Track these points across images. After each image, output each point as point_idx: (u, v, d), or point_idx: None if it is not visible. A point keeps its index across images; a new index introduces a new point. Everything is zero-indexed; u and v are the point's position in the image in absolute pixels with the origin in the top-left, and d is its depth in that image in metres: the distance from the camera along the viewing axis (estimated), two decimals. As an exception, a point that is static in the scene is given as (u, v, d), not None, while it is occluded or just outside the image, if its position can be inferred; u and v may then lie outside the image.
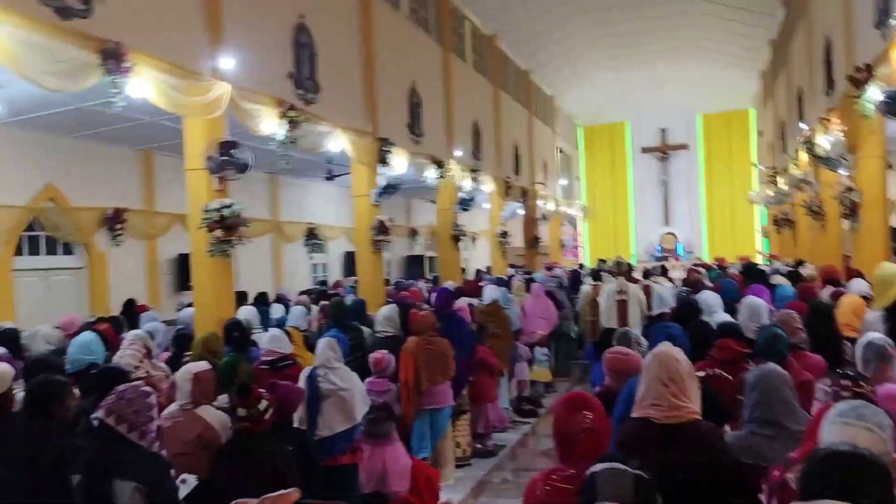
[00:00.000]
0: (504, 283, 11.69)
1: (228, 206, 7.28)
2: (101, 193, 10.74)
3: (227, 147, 7.36)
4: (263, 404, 3.68)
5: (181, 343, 6.36)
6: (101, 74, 5.90)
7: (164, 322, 8.50)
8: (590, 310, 11.26)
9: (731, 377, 4.15)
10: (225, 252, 7.40)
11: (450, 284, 11.35)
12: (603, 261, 19.00)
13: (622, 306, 9.81)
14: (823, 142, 10.75)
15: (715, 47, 22.27)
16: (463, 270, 17.53)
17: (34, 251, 10.07)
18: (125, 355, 5.07)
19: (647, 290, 10.02)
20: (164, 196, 11.71)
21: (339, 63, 10.57)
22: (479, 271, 17.89)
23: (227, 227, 7.31)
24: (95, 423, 3.09)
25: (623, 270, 10.60)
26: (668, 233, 28.98)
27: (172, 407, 4.07)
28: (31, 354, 5.98)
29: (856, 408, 2.19)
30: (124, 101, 6.10)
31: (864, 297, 6.33)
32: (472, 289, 10.82)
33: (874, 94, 7.88)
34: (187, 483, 3.44)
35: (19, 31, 5.20)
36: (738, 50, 22.05)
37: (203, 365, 4.26)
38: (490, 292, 9.55)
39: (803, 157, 13.01)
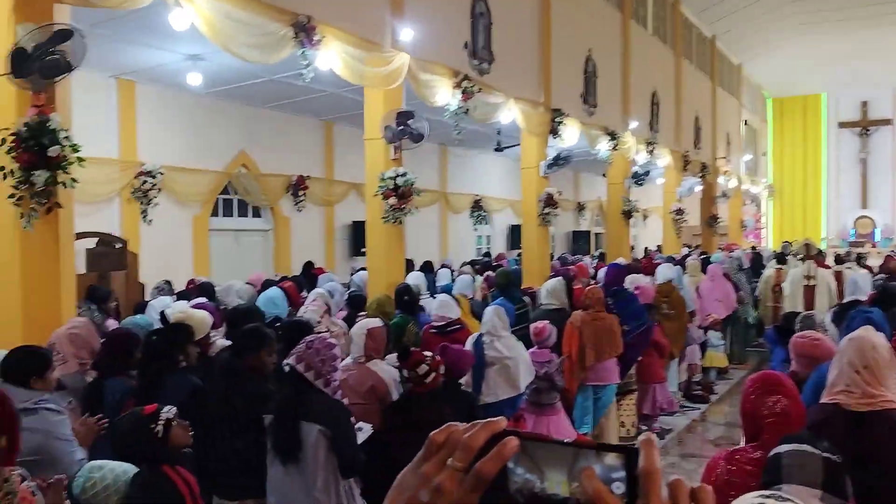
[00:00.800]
0: (678, 262, 11.20)
1: (403, 175, 7.53)
2: (287, 161, 11.50)
3: (404, 117, 7.58)
4: (423, 368, 3.78)
5: (356, 303, 6.68)
6: (294, 47, 6.27)
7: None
8: (772, 295, 10.53)
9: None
10: (398, 219, 7.67)
11: (620, 261, 11.05)
12: (788, 243, 17.67)
13: (809, 292, 9.09)
14: None
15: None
16: (632, 248, 17.01)
17: (228, 213, 11.02)
18: (308, 310, 5.42)
19: (838, 277, 9.23)
20: (342, 165, 12.33)
21: (515, 32, 10.50)
22: (647, 249, 17.29)
23: (400, 196, 7.56)
24: (287, 368, 3.32)
25: (812, 254, 9.81)
26: (865, 216, 26.33)
27: (347, 360, 4.29)
28: (224, 307, 6.52)
29: None
30: (313, 73, 6.44)
31: None
32: (646, 267, 10.47)
33: None
34: (363, 431, 3.63)
35: (223, 6, 5.60)
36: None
37: (377, 322, 4.45)
38: (664, 271, 9.19)
39: None
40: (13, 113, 4.43)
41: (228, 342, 4.70)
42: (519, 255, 12.06)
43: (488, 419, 0.68)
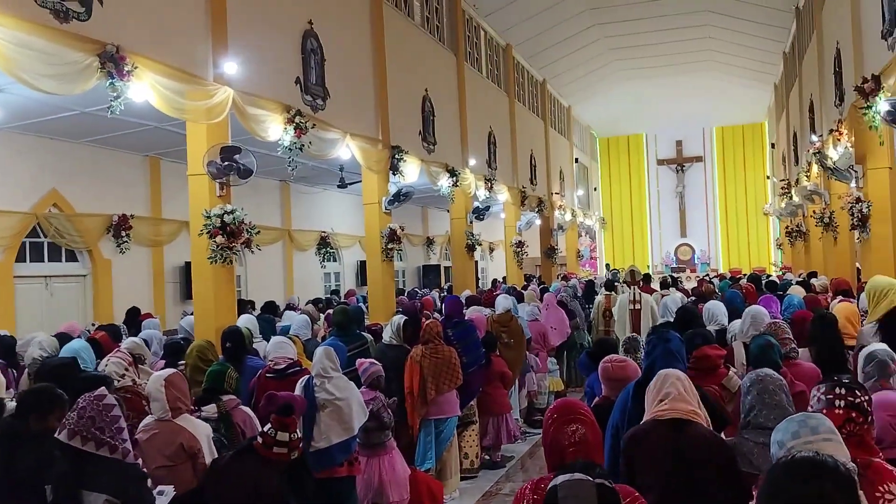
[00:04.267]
0: (517, 292, 11.49)
1: (230, 213, 7.14)
2: (107, 199, 10.60)
3: (229, 152, 7.21)
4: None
5: (173, 351, 6.16)
6: (101, 78, 5.80)
7: (166, 331, 8.36)
8: (603, 320, 11.04)
9: (716, 385, 4.10)
10: (226, 259, 7.25)
11: (466, 293, 11.18)
12: (616, 271, 18.78)
13: (636, 315, 9.62)
14: (833, 153, 10.70)
15: (730, 60, 22.20)
16: (478, 280, 17.35)
17: (37, 258, 9.92)
18: (110, 363, 4.91)
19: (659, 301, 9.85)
20: (171, 203, 11.53)
21: (350, 70, 10.46)
22: (495, 281, 17.75)
23: (229, 234, 7.16)
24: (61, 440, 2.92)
25: (636, 280, 10.39)
26: (684, 244, 28.78)
27: (148, 419, 3.84)
28: (25, 363, 5.84)
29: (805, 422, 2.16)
30: (122, 105, 5.98)
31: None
32: (489, 298, 10.64)
33: (882, 105, 7.83)
34: (165, 494, 3.26)
35: (16, 34, 5.10)
36: (752, 63, 21.97)
37: (170, 370, 4.05)
38: (502, 302, 9.35)
39: (815, 168, 12.92)
40: None
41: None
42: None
43: None
